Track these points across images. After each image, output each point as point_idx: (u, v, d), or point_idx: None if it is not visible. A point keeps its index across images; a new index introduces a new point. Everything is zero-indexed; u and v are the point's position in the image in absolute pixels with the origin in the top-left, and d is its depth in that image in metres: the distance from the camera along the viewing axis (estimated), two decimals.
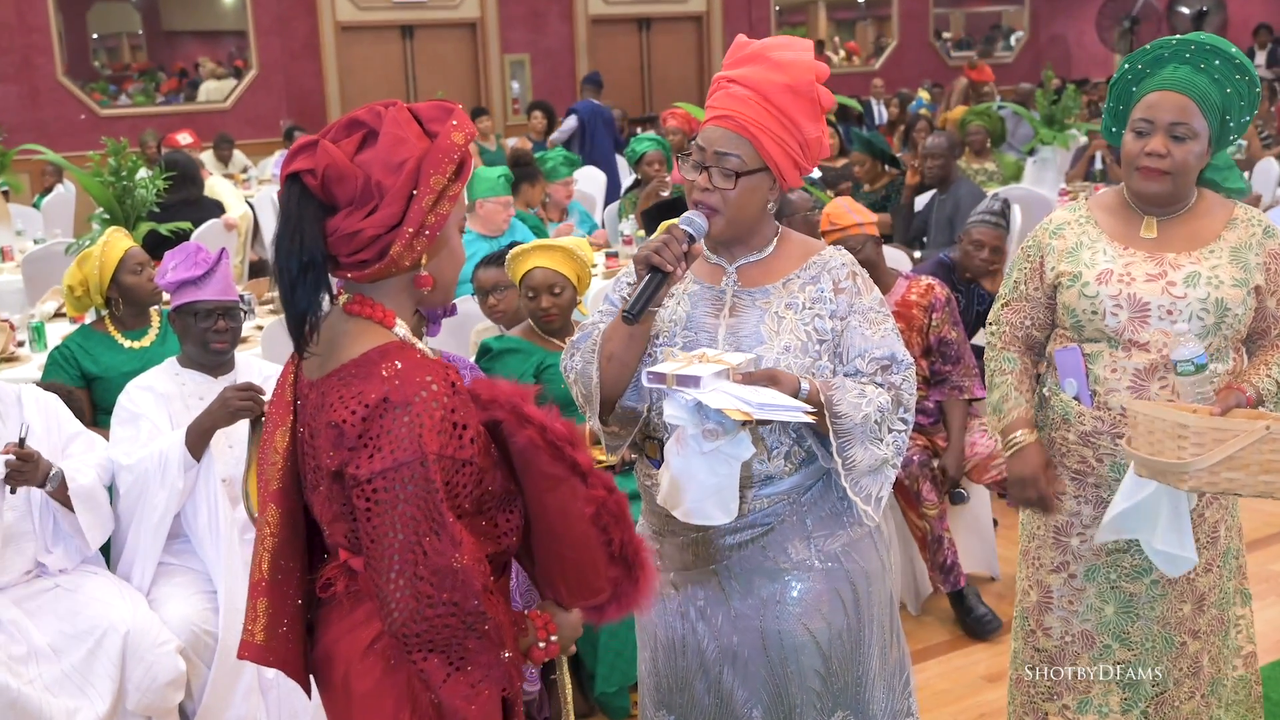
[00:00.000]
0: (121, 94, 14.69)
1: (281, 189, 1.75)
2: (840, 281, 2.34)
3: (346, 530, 1.81)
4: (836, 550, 2.36)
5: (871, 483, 2.29)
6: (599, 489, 1.81)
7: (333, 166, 1.71)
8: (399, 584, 1.69)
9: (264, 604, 1.87)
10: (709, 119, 2.30)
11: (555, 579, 1.90)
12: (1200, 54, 2.58)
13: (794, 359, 2.26)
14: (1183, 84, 2.56)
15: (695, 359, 2.15)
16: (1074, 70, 18.30)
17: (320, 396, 1.77)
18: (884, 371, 2.29)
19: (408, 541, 1.68)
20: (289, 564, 1.89)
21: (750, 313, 2.32)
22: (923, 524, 4.07)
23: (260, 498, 1.88)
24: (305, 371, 1.86)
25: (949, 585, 4.11)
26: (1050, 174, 8.71)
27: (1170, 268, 2.61)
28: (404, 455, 1.67)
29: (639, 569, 1.85)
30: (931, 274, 4.74)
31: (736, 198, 2.27)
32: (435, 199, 1.74)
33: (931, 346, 4.22)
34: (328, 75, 15.02)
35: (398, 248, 1.73)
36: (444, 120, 1.77)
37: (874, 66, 18.52)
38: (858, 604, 2.38)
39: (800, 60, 2.28)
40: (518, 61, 16.14)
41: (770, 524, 2.34)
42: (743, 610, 2.36)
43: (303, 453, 1.85)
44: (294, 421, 1.86)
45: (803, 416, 2.11)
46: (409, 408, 1.68)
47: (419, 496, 1.68)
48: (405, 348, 1.77)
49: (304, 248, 1.70)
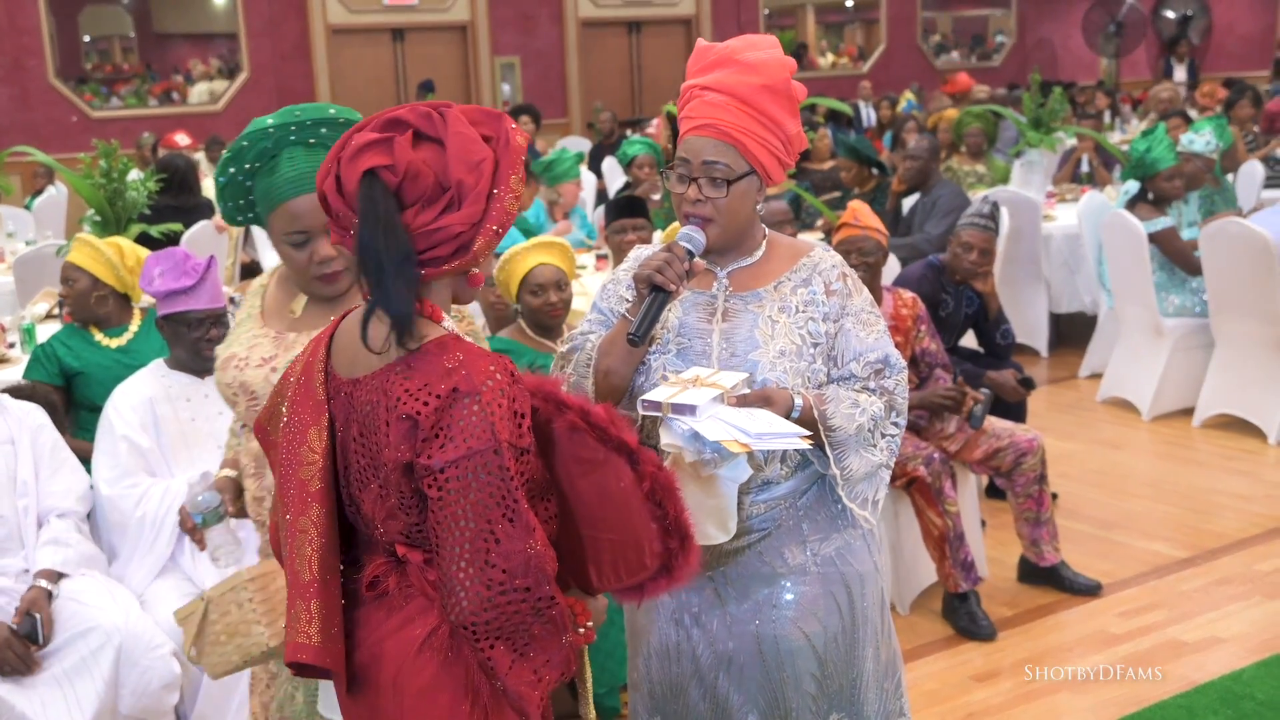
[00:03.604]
0: (113, 96, 14.64)
1: (355, 186, 1.73)
2: (831, 283, 2.33)
3: (405, 525, 1.81)
4: (831, 553, 2.36)
5: (867, 487, 2.30)
6: (650, 465, 1.82)
7: (413, 164, 1.72)
8: (469, 572, 1.70)
9: (317, 605, 1.85)
10: (690, 129, 2.28)
11: (585, 565, 1.90)
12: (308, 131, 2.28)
13: (789, 363, 2.26)
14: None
15: (689, 383, 2.14)
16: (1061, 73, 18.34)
17: (376, 393, 1.77)
18: (878, 375, 2.30)
19: (479, 529, 1.70)
20: (333, 562, 1.88)
21: (743, 317, 2.31)
22: (943, 522, 4.05)
23: (297, 499, 1.87)
24: (338, 370, 1.85)
25: (970, 582, 4.08)
26: (1037, 177, 8.71)
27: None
28: (478, 444, 1.69)
29: (689, 540, 1.86)
30: (921, 276, 4.75)
31: (729, 204, 2.26)
32: (513, 198, 1.77)
33: (916, 357, 4.25)
34: (318, 77, 14.99)
35: (480, 243, 1.75)
36: (498, 124, 1.80)
37: (862, 69, 18.54)
38: (852, 606, 2.37)
39: (772, 59, 2.27)
40: (508, 64, 16.12)
41: (767, 529, 2.33)
42: (738, 615, 2.35)
43: (349, 450, 1.84)
44: (330, 421, 1.86)
45: (800, 444, 2.11)
46: (478, 397, 1.70)
47: (492, 484, 1.69)
48: (460, 340, 1.79)
49: (399, 242, 1.71)
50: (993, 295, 4.85)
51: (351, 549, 1.95)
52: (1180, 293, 6.21)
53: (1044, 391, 6.71)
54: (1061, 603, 4.29)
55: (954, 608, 4.14)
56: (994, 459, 4.30)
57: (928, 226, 6.66)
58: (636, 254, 2.48)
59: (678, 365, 2.28)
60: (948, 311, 4.77)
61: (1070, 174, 9.23)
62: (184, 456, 3.42)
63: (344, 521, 1.92)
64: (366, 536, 1.92)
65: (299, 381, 1.91)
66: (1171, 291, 6.21)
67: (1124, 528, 4.92)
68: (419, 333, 1.76)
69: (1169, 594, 4.30)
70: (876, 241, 4.13)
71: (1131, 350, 6.46)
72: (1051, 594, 4.34)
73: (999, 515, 4.91)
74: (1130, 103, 15.55)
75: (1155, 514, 5.06)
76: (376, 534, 1.88)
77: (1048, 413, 6.37)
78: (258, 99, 14.53)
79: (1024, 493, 4.31)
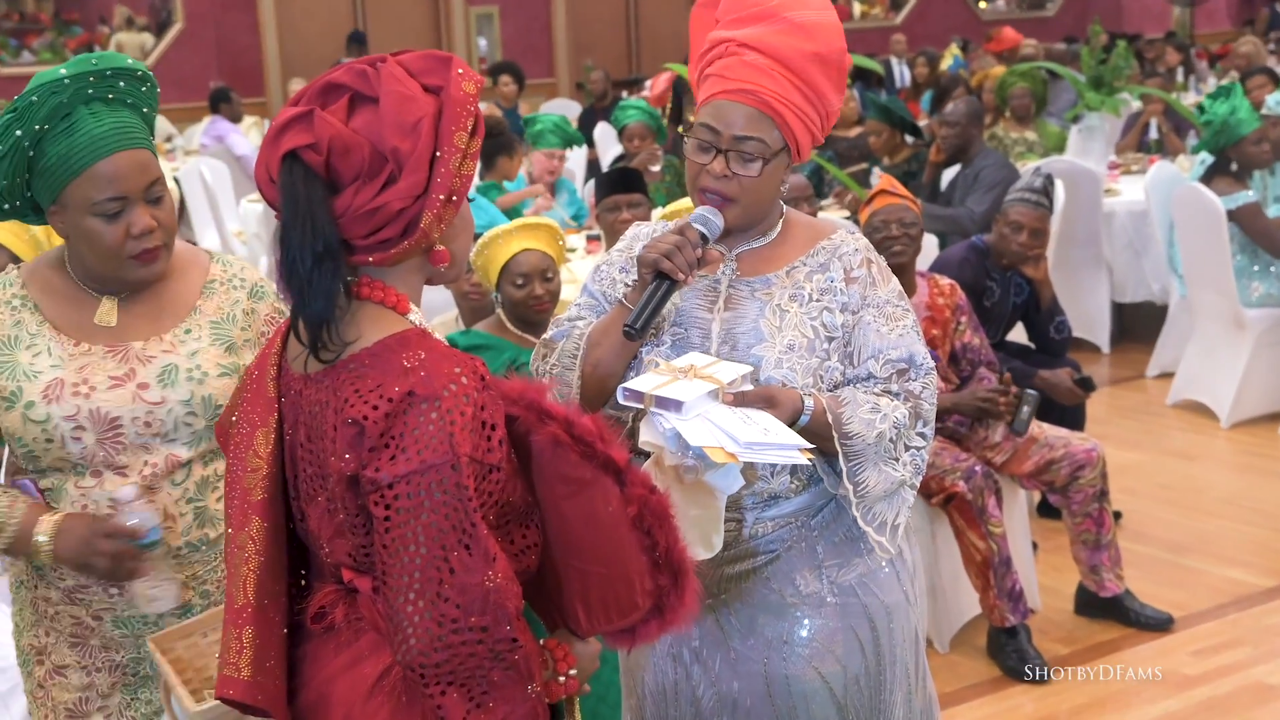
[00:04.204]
0: (24, 50, 14.64)
1: (277, 172, 1.74)
2: (852, 269, 2.33)
3: (352, 546, 1.80)
4: (852, 582, 2.35)
5: (887, 508, 2.29)
6: (639, 488, 1.81)
7: (338, 138, 1.71)
8: (418, 605, 1.69)
9: (250, 633, 1.85)
10: (721, 92, 2.27)
11: (573, 602, 1.90)
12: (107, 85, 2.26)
13: (798, 359, 2.25)
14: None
15: (681, 372, 2.13)
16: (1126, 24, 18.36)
17: (326, 392, 1.77)
18: (901, 377, 2.29)
19: (431, 556, 1.68)
20: (275, 587, 1.87)
21: (749, 306, 2.31)
22: (986, 545, 4.05)
23: (238, 509, 1.87)
24: (292, 365, 1.85)
25: (1019, 615, 4.08)
26: (1098, 144, 8.72)
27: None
28: (433, 457, 1.67)
29: (684, 577, 1.86)
30: (963, 260, 4.75)
31: (757, 185, 2.26)
32: (461, 159, 1.75)
33: (956, 352, 4.24)
34: (264, 31, 15.00)
35: (429, 218, 1.74)
36: (444, 71, 1.78)
37: (895, 21, 18.55)
38: (877, 643, 2.36)
39: (826, 22, 2.27)
40: (485, 15, 16.13)
41: (775, 551, 2.33)
42: (744, 652, 2.34)
43: (295, 458, 1.84)
44: (279, 422, 1.86)
45: (798, 458, 2.09)
46: (437, 403, 1.69)
47: (448, 505, 1.68)
48: (426, 335, 1.78)
49: (318, 235, 1.70)
50: (1045, 282, 4.84)
51: (307, 573, 1.94)
52: (1265, 279, 6.22)
53: (1105, 393, 6.72)
54: (1126, 639, 4.28)
55: (1001, 645, 4.13)
56: (1047, 472, 4.30)
57: (969, 203, 6.66)
58: (634, 232, 2.48)
59: (672, 359, 2.28)
60: (993, 301, 4.77)
61: (1136, 141, 9.23)
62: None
63: (298, 541, 1.92)
64: (316, 558, 1.91)
65: (253, 377, 1.92)
66: (1254, 277, 6.21)
67: (1199, 552, 4.91)
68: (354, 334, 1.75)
69: (1252, 629, 4.30)
70: (916, 214, 4.14)
71: (1207, 346, 6.46)
72: (1114, 629, 4.34)
73: (1053, 537, 4.91)
74: (1207, 58, 15.56)
75: (1235, 536, 5.06)
76: (323, 555, 1.87)
77: (1110, 418, 6.37)
78: (194, 55, 14.55)
79: (1082, 511, 4.31)
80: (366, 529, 1.76)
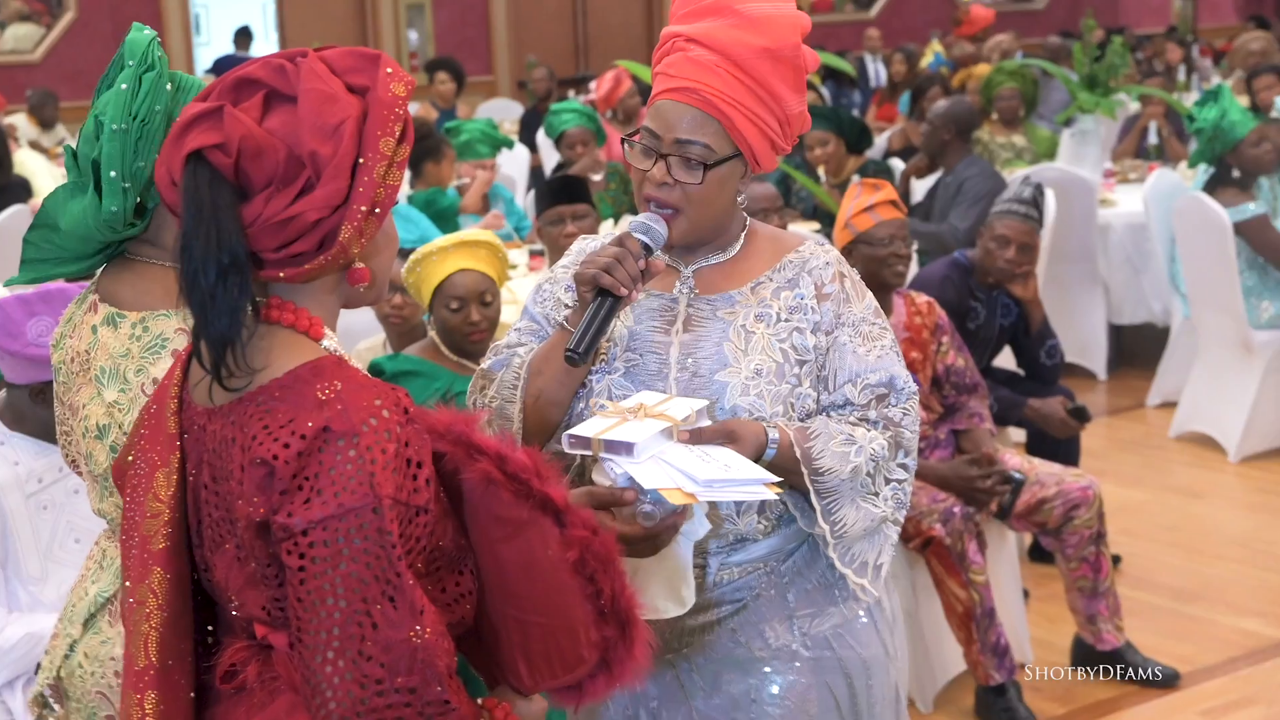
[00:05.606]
0: None
1: (180, 174, 1.72)
2: (824, 284, 2.34)
3: (265, 599, 1.79)
4: (826, 633, 2.36)
5: (868, 548, 2.30)
6: (580, 529, 1.81)
7: (249, 138, 1.70)
8: (338, 665, 1.68)
9: (153, 699, 1.83)
10: (664, 91, 2.29)
11: (514, 656, 1.89)
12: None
13: (766, 386, 2.26)
14: None
15: (630, 413, 2.14)
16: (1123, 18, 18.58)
17: (232, 428, 1.76)
18: (880, 403, 2.30)
19: (352, 610, 1.67)
20: (181, 645, 1.86)
21: (710, 327, 2.32)
22: (967, 595, 4.05)
23: (137, 560, 1.85)
24: (194, 396, 1.84)
25: (1004, 672, 4.08)
26: (1093, 151, 8.79)
27: None
28: (351, 500, 1.67)
29: (633, 627, 1.85)
30: (944, 279, 4.77)
31: (702, 193, 2.27)
32: (386, 167, 1.75)
33: (939, 376, 4.24)
34: (168, 19, 14.91)
35: (348, 231, 1.73)
36: (372, 70, 1.78)
37: (869, 15, 18.68)
38: (854, 702, 2.37)
39: (781, 15, 2.29)
40: (416, 5, 16.12)
41: (742, 600, 2.33)
42: (708, 712, 2.35)
43: (199, 501, 1.83)
44: (181, 461, 1.84)
45: (765, 493, 2.10)
46: (355, 439, 1.68)
47: (369, 552, 1.67)
48: (342, 364, 1.78)
49: (223, 245, 1.69)
50: (1035, 303, 4.88)
51: (214, 629, 1.93)
52: (1275, 298, 6.28)
53: (1101, 424, 6.76)
54: (1127, 697, 4.30)
55: (989, 704, 4.14)
56: (1038, 512, 4.32)
57: (951, 216, 6.70)
58: (581, 246, 2.48)
59: (625, 387, 2.29)
60: (978, 323, 4.79)
61: (1134, 147, 9.32)
62: (38, 568, 3.30)
63: (204, 594, 1.90)
64: (225, 612, 1.90)
65: (151, 411, 1.90)
66: (1264, 296, 6.28)
67: (1206, 600, 4.95)
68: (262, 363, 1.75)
69: (1265, 685, 4.33)
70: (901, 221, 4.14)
71: (1214, 372, 6.52)
72: (1114, 686, 4.35)
73: (1046, 584, 4.93)
74: (1211, 55, 15.74)
75: (1246, 582, 5.09)
76: (232, 609, 1.86)
77: (1107, 452, 6.41)
78: (88, 46, 14.43)
79: (1077, 556, 4.33)
80: (280, 580, 1.74)
